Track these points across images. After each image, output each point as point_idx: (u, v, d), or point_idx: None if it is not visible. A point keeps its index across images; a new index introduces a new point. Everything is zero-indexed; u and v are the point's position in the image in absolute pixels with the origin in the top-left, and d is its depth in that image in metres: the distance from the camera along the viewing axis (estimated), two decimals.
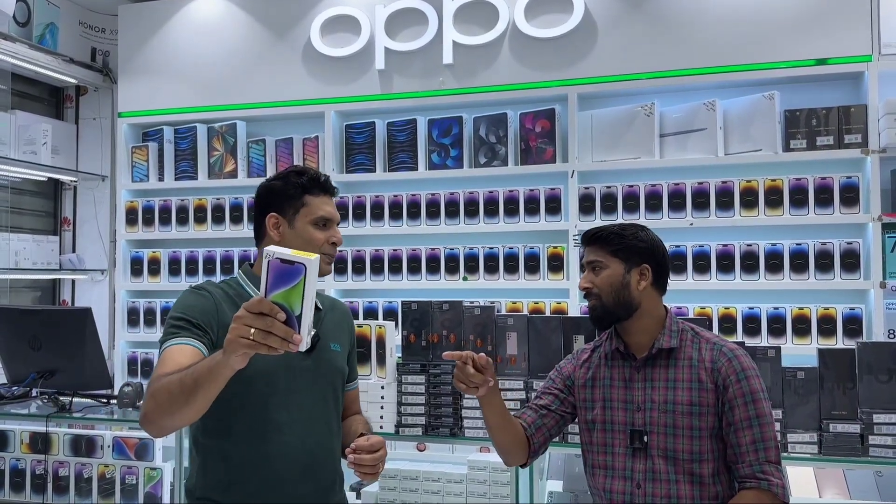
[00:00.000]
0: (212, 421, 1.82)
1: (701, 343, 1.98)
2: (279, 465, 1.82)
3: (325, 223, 1.96)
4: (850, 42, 3.53)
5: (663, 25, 3.79)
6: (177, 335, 1.75)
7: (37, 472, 3.08)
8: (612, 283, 1.98)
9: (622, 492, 1.93)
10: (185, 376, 1.53)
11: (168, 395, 1.55)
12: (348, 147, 4.24)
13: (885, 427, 2.34)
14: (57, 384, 3.20)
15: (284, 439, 1.83)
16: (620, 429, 1.97)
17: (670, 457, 1.90)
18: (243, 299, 1.74)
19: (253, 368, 1.69)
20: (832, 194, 3.52)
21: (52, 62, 4.52)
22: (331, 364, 1.96)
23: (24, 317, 3.26)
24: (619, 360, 2.03)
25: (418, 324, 2.71)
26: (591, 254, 2.03)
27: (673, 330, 2.00)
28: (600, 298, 1.99)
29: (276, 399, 1.84)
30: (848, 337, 3.46)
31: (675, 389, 1.94)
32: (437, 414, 2.61)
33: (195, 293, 1.87)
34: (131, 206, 4.54)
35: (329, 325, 2.01)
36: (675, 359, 1.97)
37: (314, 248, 1.92)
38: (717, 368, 1.92)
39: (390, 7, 4.12)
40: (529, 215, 3.92)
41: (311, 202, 1.95)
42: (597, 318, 2.03)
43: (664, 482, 1.90)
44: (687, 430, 1.90)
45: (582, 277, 2.05)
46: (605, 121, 3.87)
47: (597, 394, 2.03)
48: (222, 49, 4.44)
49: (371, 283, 4.13)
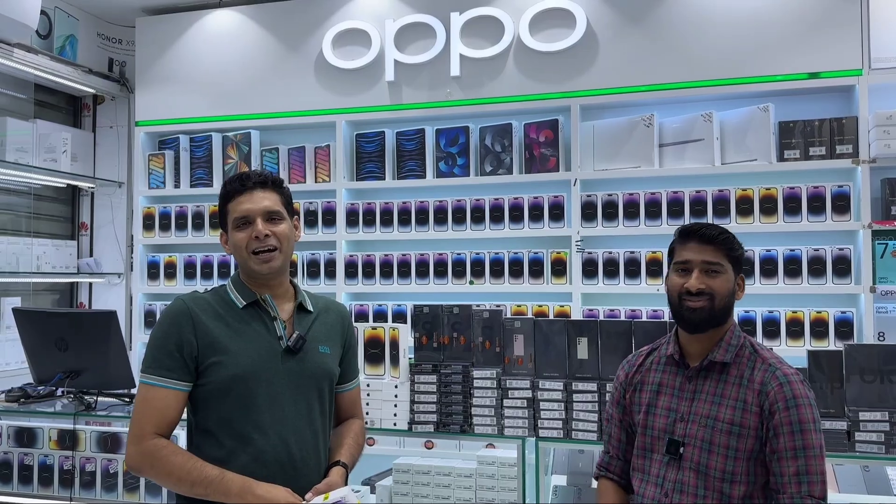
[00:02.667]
0: (199, 420, 1.92)
1: (756, 362, 1.91)
2: (262, 466, 1.85)
3: (243, 221, 1.94)
4: (841, 57, 3.69)
5: (662, 40, 3.94)
6: (154, 370, 1.86)
7: (64, 467, 3.21)
8: (728, 288, 1.90)
9: (652, 497, 1.92)
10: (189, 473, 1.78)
11: (164, 473, 1.81)
12: (359, 155, 4.40)
13: (871, 424, 2.46)
14: (82, 384, 3.35)
15: (267, 441, 1.87)
16: (659, 435, 1.94)
17: (702, 472, 1.86)
18: (227, 305, 1.95)
19: (232, 372, 1.87)
20: (824, 202, 3.67)
21: (72, 73, 4.68)
22: (317, 366, 1.97)
23: (51, 319, 3.41)
24: (673, 366, 1.99)
25: (430, 326, 2.85)
26: (706, 253, 1.90)
27: (731, 344, 1.93)
28: (713, 301, 1.88)
29: (258, 401, 1.88)
30: (839, 339, 3.60)
31: (719, 405, 1.88)
32: (448, 412, 2.76)
33: (169, 316, 1.91)
34: (148, 211, 4.69)
35: (319, 328, 2.02)
36: (726, 374, 1.91)
37: (241, 250, 1.94)
38: (766, 392, 1.85)
39: (400, 21, 4.27)
40: (533, 222, 4.06)
41: (231, 208, 1.96)
42: (701, 321, 1.90)
43: (691, 496, 1.86)
44: (723, 449, 1.85)
45: (695, 277, 1.90)
46: (607, 131, 4.02)
47: (643, 398, 2.01)
48: (237, 60, 4.60)
49: (381, 287, 4.27)
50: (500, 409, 2.72)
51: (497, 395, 2.72)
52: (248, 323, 1.94)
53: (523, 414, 2.69)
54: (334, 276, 4.34)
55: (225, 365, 1.87)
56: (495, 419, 2.72)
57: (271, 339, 1.94)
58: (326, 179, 4.40)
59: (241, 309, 1.95)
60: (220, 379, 1.87)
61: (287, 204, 2.02)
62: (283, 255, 1.96)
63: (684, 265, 1.93)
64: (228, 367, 1.87)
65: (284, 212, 1.99)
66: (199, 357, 1.88)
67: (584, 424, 2.62)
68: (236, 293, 1.98)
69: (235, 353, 1.89)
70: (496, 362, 2.77)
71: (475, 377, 2.75)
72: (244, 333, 1.92)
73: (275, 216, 1.96)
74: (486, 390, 2.74)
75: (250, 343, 1.91)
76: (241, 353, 1.89)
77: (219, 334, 1.90)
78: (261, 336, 1.93)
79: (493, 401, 2.72)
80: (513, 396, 2.71)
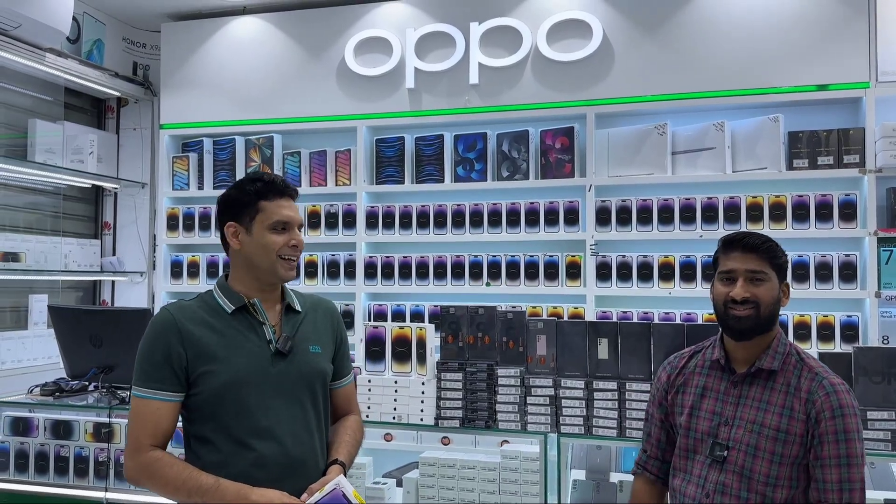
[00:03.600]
0: (195, 429, 1.94)
1: (803, 370, 1.94)
2: (261, 469, 1.87)
3: (283, 227, 1.96)
4: (849, 70, 3.82)
5: (676, 51, 4.07)
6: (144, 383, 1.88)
7: (99, 459, 3.34)
8: (773, 296, 1.94)
9: (693, 497, 1.95)
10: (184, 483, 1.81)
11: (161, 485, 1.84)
12: (379, 160, 4.52)
13: (878, 423, 2.59)
14: (115, 379, 3.47)
15: (265, 444, 1.88)
16: (703, 438, 1.98)
17: (745, 475, 1.90)
18: (215, 311, 1.94)
19: (224, 379, 1.90)
20: (832, 210, 3.80)
21: (100, 76, 4.81)
22: (308, 367, 1.97)
23: (87, 316, 3.54)
24: (718, 371, 2.02)
25: (455, 326, 2.98)
26: (750, 262, 1.94)
27: (778, 351, 1.96)
28: (758, 310, 1.92)
29: (252, 406, 1.88)
30: (845, 342, 3.73)
31: (765, 412, 1.92)
32: (473, 408, 2.89)
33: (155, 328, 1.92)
34: (172, 212, 4.82)
35: (308, 328, 2.02)
36: (773, 381, 1.94)
37: (271, 252, 1.94)
38: (813, 401, 1.88)
39: (420, 30, 4.40)
40: (549, 226, 4.19)
41: (267, 207, 1.96)
42: (748, 329, 1.94)
43: (734, 497, 1.89)
44: (768, 454, 1.89)
45: (740, 286, 1.93)
46: (621, 139, 4.15)
47: (686, 400, 2.04)
48: (261, 66, 4.72)
49: (399, 288, 4.40)
50: (524, 406, 2.85)
51: (520, 392, 2.85)
52: (236, 328, 1.93)
53: (546, 411, 2.82)
54: (354, 277, 4.47)
55: (216, 373, 1.88)
56: (518, 415, 2.85)
57: (261, 343, 1.94)
58: (347, 183, 4.53)
59: (228, 314, 1.94)
60: (212, 387, 1.88)
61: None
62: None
63: (729, 274, 1.97)
64: (220, 374, 1.88)
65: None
66: (188, 367, 1.88)
67: (604, 421, 2.75)
68: (224, 298, 1.96)
69: (226, 360, 1.89)
70: (519, 361, 2.90)
71: (499, 375, 2.87)
72: (233, 339, 1.92)
73: (300, 228, 2.04)
74: (510, 388, 2.86)
75: (240, 349, 1.91)
76: (231, 360, 1.89)
77: (207, 342, 1.89)
78: (250, 341, 1.93)
79: (516, 398, 2.85)
80: (535, 394, 2.84)
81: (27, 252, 4.46)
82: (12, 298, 4.62)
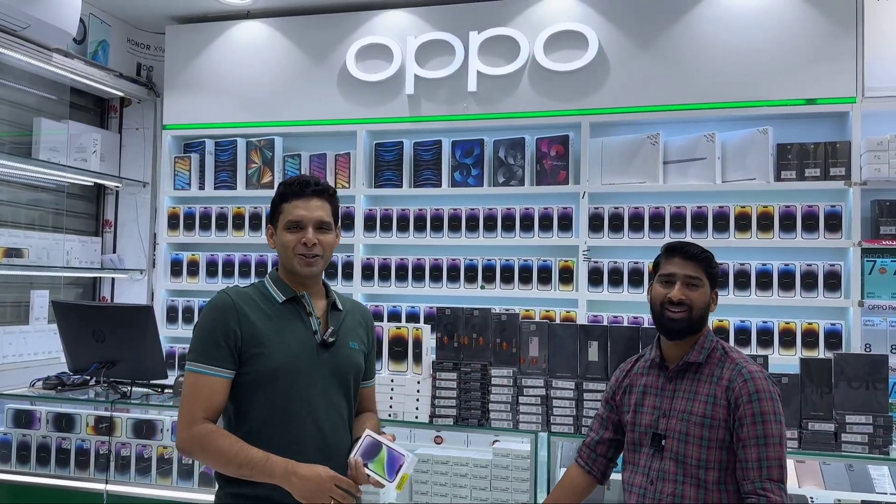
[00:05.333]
0: (238, 409, 2.05)
1: (726, 362, 2.14)
2: (299, 450, 1.98)
3: (295, 226, 2.07)
4: (837, 85, 3.93)
5: (669, 64, 4.18)
6: (202, 359, 1.99)
7: (100, 452, 3.42)
8: (705, 301, 2.15)
9: (639, 486, 2.16)
10: (236, 455, 1.92)
11: (213, 455, 1.95)
12: (377, 164, 4.62)
13: (857, 427, 2.69)
14: (117, 374, 3.55)
15: (304, 427, 2.01)
16: (646, 431, 2.18)
17: (680, 460, 2.09)
18: (268, 301, 2.09)
19: (275, 363, 2.03)
20: (818, 221, 3.91)
21: (105, 77, 4.89)
22: (348, 360, 2.12)
23: (90, 312, 3.61)
24: (656, 369, 2.24)
25: (451, 327, 3.07)
26: (688, 268, 2.14)
27: (704, 346, 2.16)
28: (691, 312, 2.12)
29: (295, 391, 2.02)
30: (829, 349, 3.84)
31: (693, 401, 2.12)
32: (468, 406, 2.98)
33: (216, 308, 2.04)
34: (173, 211, 4.89)
35: (349, 325, 2.18)
36: (700, 373, 2.14)
37: (288, 250, 2.08)
38: (732, 388, 2.08)
39: (421, 38, 4.50)
40: (543, 231, 4.29)
41: (286, 208, 2.09)
42: (681, 330, 2.14)
43: (672, 482, 2.09)
44: (697, 439, 2.08)
45: (678, 289, 2.13)
46: (615, 148, 4.25)
47: (633, 399, 2.25)
48: (263, 70, 4.81)
49: (396, 289, 4.49)
50: (516, 406, 2.94)
51: (513, 392, 2.95)
52: (287, 317, 2.08)
53: (537, 410, 2.92)
54: (351, 278, 4.55)
55: (267, 356, 2.01)
56: (510, 414, 2.94)
57: (308, 333, 2.08)
58: (346, 186, 4.61)
59: (280, 304, 2.09)
60: (262, 369, 2.01)
61: (335, 214, 2.16)
62: (323, 260, 2.12)
63: (668, 277, 2.17)
64: (271, 358, 2.01)
65: (332, 222, 2.13)
66: (242, 347, 2.01)
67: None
68: (276, 289, 2.11)
69: (277, 345, 2.02)
70: (512, 362, 2.99)
71: (493, 375, 2.97)
72: (284, 327, 2.06)
73: (324, 226, 2.10)
74: (503, 388, 2.96)
75: (290, 336, 2.05)
76: (281, 346, 2.03)
77: (261, 327, 2.03)
78: (299, 330, 2.07)
79: (508, 397, 2.95)
80: (527, 394, 2.94)
81: (30, 248, 4.53)
82: (14, 293, 4.69)
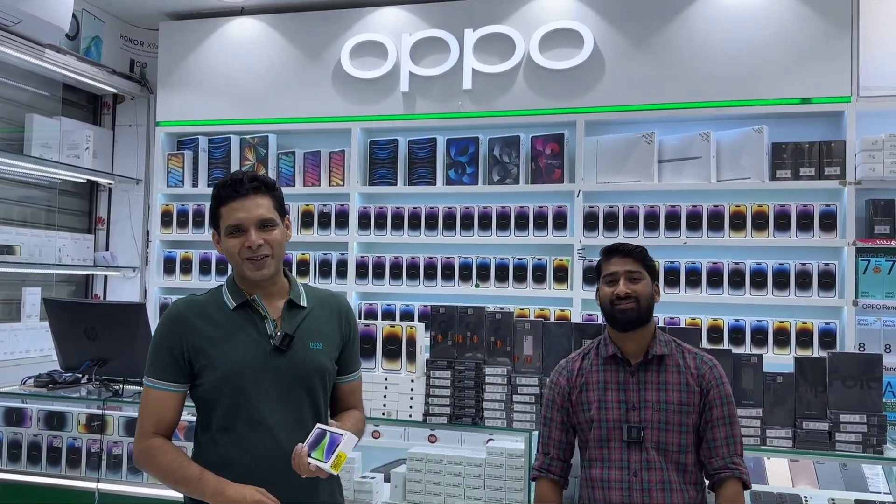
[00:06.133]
0: (200, 419, 2.02)
1: (684, 352, 2.29)
2: (254, 461, 1.92)
3: (236, 229, 1.95)
4: (832, 84, 3.93)
5: (664, 63, 4.17)
6: (150, 373, 1.98)
7: (92, 450, 3.39)
8: (648, 292, 2.27)
9: (619, 479, 2.20)
10: (174, 472, 1.90)
11: (156, 471, 1.95)
12: (372, 161, 4.60)
13: (850, 426, 2.69)
14: (109, 372, 3.52)
15: (259, 437, 1.93)
16: (615, 425, 2.22)
17: (662, 448, 2.19)
18: (220, 308, 2.00)
19: (221, 373, 1.97)
20: (812, 220, 3.91)
21: (97, 73, 4.86)
22: (306, 363, 1.99)
23: (82, 309, 3.59)
24: (614, 365, 2.28)
25: (445, 325, 3.06)
26: (627, 265, 2.27)
27: (662, 340, 2.29)
28: (639, 303, 2.24)
29: (245, 399, 1.94)
30: (823, 349, 3.84)
31: (666, 391, 2.22)
32: (461, 405, 2.96)
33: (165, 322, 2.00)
34: (166, 209, 4.87)
35: (312, 324, 2.03)
36: (664, 365, 2.25)
37: (234, 256, 1.96)
38: (702, 374, 2.24)
39: (416, 35, 4.49)
40: (538, 230, 4.28)
41: (224, 212, 1.97)
42: (631, 321, 2.24)
43: (658, 470, 2.18)
44: (676, 426, 2.20)
45: (622, 284, 2.25)
46: (610, 146, 4.25)
47: (591, 396, 2.27)
48: (257, 67, 4.79)
49: (390, 288, 4.47)
50: (510, 404, 2.93)
51: (507, 390, 2.93)
52: (238, 324, 1.99)
53: (531, 409, 2.90)
54: (345, 276, 4.54)
55: (214, 367, 1.94)
56: (504, 413, 2.93)
57: (261, 338, 1.98)
58: (340, 183, 4.60)
59: (231, 310, 2.00)
60: (211, 380, 1.95)
61: (279, 207, 2.02)
62: (275, 260, 1.98)
63: (611, 277, 2.29)
64: (217, 368, 1.94)
65: (277, 217, 2.00)
66: (192, 359, 1.96)
67: None
68: (228, 296, 2.02)
69: (224, 354, 1.95)
70: (506, 361, 2.98)
71: (487, 373, 2.95)
72: (234, 335, 1.97)
73: (268, 223, 1.97)
74: (497, 386, 2.94)
75: (239, 344, 1.96)
76: (229, 355, 1.95)
77: (209, 336, 1.96)
78: (250, 336, 1.97)
79: (503, 396, 2.93)
80: (521, 392, 2.92)
81: (21, 245, 4.50)
82: (6, 291, 4.66)
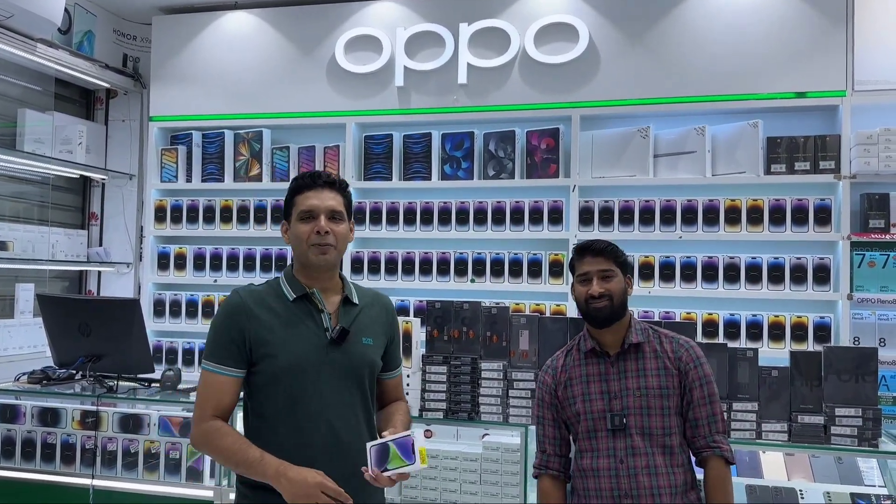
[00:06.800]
0: (254, 405, 2.09)
1: (661, 337, 2.33)
2: (311, 449, 1.99)
3: (308, 215, 2.07)
4: (827, 78, 3.93)
5: (660, 57, 4.17)
6: (212, 358, 2.05)
7: (86, 446, 3.38)
8: (621, 288, 2.32)
9: (608, 468, 2.23)
10: (235, 454, 1.97)
11: (216, 452, 2.04)
12: (367, 156, 4.59)
13: (846, 419, 2.71)
14: (104, 368, 3.51)
15: (315, 426, 2.01)
16: (600, 416, 2.26)
17: (646, 433, 2.22)
18: (280, 299, 2.09)
19: (282, 363, 2.04)
20: (807, 214, 3.92)
21: (90, 68, 4.83)
22: (359, 357, 2.10)
23: (76, 305, 3.57)
24: (594, 358, 2.33)
25: (441, 321, 3.05)
26: (600, 264, 2.31)
27: (638, 329, 2.33)
28: (612, 300, 2.28)
29: (304, 389, 2.02)
30: (818, 343, 3.85)
31: (646, 377, 2.27)
32: (457, 400, 2.97)
33: (227, 309, 2.07)
34: (160, 204, 4.85)
35: (364, 321, 2.14)
36: (642, 352, 2.29)
37: (301, 241, 2.06)
38: (679, 357, 2.28)
39: (410, 30, 4.47)
40: (533, 225, 4.28)
41: (297, 200, 2.10)
42: (606, 319, 2.29)
43: (643, 455, 2.21)
44: (658, 410, 2.24)
45: (595, 284, 2.28)
46: (605, 141, 4.24)
47: (576, 390, 2.32)
48: (251, 62, 4.76)
49: (385, 283, 4.46)
50: (506, 399, 2.93)
51: (503, 385, 2.93)
52: (297, 315, 2.07)
53: (527, 403, 2.91)
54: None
55: (275, 356, 2.02)
56: (500, 407, 2.93)
57: (318, 331, 2.06)
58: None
59: (291, 302, 2.08)
60: (271, 369, 2.03)
61: (348, 206, 2.14)
62: (337, 251, 2.10)
63: (585, 276, 2.33)
64: (278, 358, 2.02)
65: (345, 214, 2.12)
66: (252, 347, 2.03)
67: None
68: (288, 287, 2.11)
69: (285, 344, 2.03)
70: (502, 355, 2.98)
71: (483, 369, 2.96)
72: (294, 326, 2.06)
73: (337, 216, 2.09)
74: (493, 381, 2.95)
75: (299, 335, 2.05)
76: (290, 345, 2.03)
77: (270, 327, 2.04)
78: (308, 328, 2.06)
79: (498, 391, 2.94)
80: (517, 387, 2.93)
81: (14, 241, 4.48)
82: None
